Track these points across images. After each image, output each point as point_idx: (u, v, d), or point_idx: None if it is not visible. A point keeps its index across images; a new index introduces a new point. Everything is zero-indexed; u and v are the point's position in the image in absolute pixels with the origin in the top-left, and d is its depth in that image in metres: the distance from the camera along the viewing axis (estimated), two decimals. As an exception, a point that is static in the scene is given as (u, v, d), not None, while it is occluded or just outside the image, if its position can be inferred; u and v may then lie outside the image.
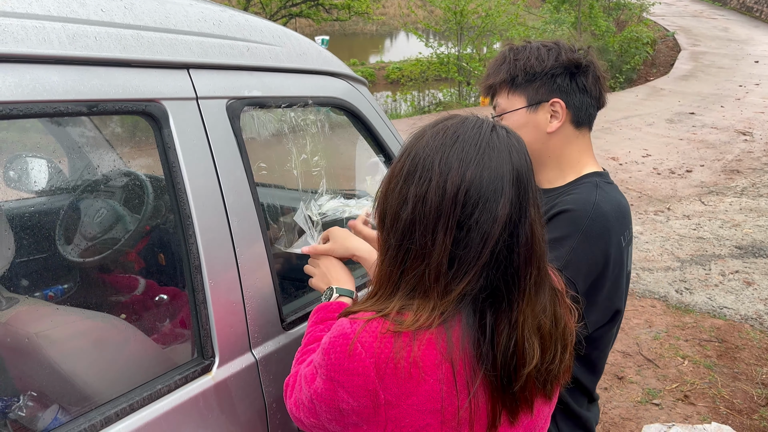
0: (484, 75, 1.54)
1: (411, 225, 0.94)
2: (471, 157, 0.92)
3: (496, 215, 0.91)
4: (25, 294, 1.59)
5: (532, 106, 1.45)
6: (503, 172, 0.92)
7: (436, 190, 0.92)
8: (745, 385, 3.59)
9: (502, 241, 0.91)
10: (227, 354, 1.34)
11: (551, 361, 0.99)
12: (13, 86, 1.01)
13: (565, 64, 1.44)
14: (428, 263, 0.93)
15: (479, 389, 0.94)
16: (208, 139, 1.33)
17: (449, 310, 0.93)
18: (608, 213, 1.37)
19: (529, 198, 0.94)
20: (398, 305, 0.95)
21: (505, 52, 1.49)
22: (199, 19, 1.38)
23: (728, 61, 17.56)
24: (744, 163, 8.76)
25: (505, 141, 0.96)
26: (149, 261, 1.85)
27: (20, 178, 1.91)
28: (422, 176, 0.94)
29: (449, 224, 0.91)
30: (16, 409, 1.31)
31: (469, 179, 0.91)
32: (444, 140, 0.95)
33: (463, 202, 0.91)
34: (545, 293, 0.99)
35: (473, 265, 0.92)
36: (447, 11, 15.26)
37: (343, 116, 1.85)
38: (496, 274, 0.93)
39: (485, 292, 0.93)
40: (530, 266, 0.95)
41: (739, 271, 5.16)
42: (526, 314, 0.95)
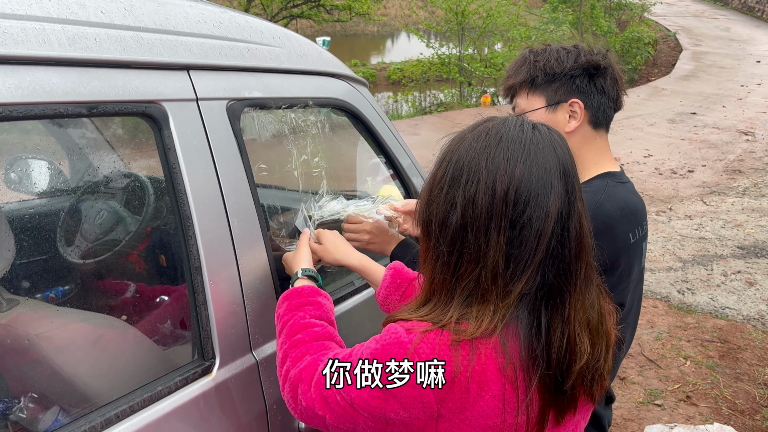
0: (504, 77, 1.57)
1: (462, 229, 0.93)
2: (518, 155, 0.93)
3: (548, 211, 0.91)
4: (26, 295, 1.59)
5: (551, 106, 1.48)
6: (550, 168, 0.93)
7: (485, 191, 0.92)
8: (747, 385, 3.58)
9: (555, 237, 0.92)
10: (228, 355, 1.34)
11: (598, 359, 0.98)
12: (13, 88, 1.01)
13: (584, 66, 1.47)
14: (484, 265, 0.92)
15: (533, 394, 0.93)
16: (208, 140, 1.33)
17: (510, 312, 0.92)
18: (611, 211, 1.40)
19: (576, 191, 0.95)
20: (456, 314, 0.93)
21: (525, 54, 1.53)
22: (199, 21, 1.38)
23: (730, 60, 17.54)
24: (746, 163, 8.74)
25: (547, 137, 0.96)
26: (150, 262, 1.85)
27: (21, 179, 1.91)
28: (469, 179, 0.93)
29: (502, 224, 0.91)
30: (16, 411, 1.31)
31: (519, 177, 0.91)
32: (488, 141, 0.95)
33: (514, 200, 0.91)
34: (593, 288, 0.99)
35: (530, 263, 0.91)
36: (448, 12, 15.27)
37: (344, 117, 1.85)
38: (551, 271, 0.93)
39: (542, 290, 0.93)
40: (580, 260, 0.95)
41: (741, 272, 5.15)
42: (577, 309, 0.95)
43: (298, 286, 1.32)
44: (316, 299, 1.28)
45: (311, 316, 1.23)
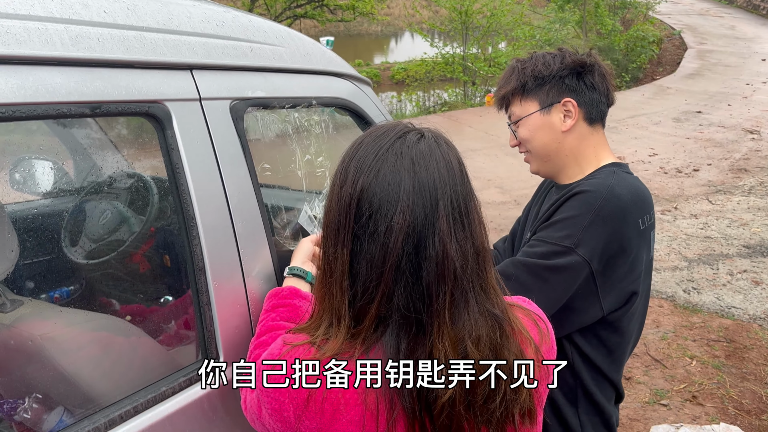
0: (496, 89, 1.63)
1: (323, 237, 0.92)
2: (366, 165, 0.88)
3: (391, 225, 0.85)
4: (30, 296, 1.59)
5: (545, 109, 1.52)
6: (401, 180, 0.86)
7: (335, 202, 0.90)
8: (753, 385, 3.56)
9: (406, 256, 0.85)
10: (232, 356, 1.33)
11: (489, 399, 0.88)
12: (16, 88, 1.01)
13: (570, 66, 1.52)
14: (333, 277, 0.89)
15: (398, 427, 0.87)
16: (211, 140, 1.33)
17: (369, 337, 0.88)
18: (623, 195, 1.42)
19: (438, 210, 0.87)
20: (322, 332, 0.91)
21: (513, 64, 1.58)
22: (203, 20, 1.38)
23: (735, 59, 17.47)
24: (752, 161, 8.70)
25: (412, 148, 0.90)
26: (153, 263, 1.85)
27: (25, 180, 1.91)
28: (331, 188, 0.92)
29: (345, 236, 0.88)
30: (21, 411, 1.31)
31: (360, 188, 0.87)
32: (350, 149, 0.93)
33: (355, 212, 0.87)
34: (473, 318, 0.89)
35: (378, 282, 0.86)
36: (452, 11, 15.25)
37: (347, 117, 1.84)
38: (406, 294, 0.86)
39: (399, 312, 0.87)
40: (443, 285, 0.86)
41: (747, 271, 5.13)
42: (443, 340, 0.86)
43: (280, 287, 1.32)
44: (292, 301, 1.26)
45: (281, 318, 1.23)
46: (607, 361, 1.52)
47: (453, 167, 0.91)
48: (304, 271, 1.36)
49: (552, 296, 1.39)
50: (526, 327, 0.96)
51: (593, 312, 1.45)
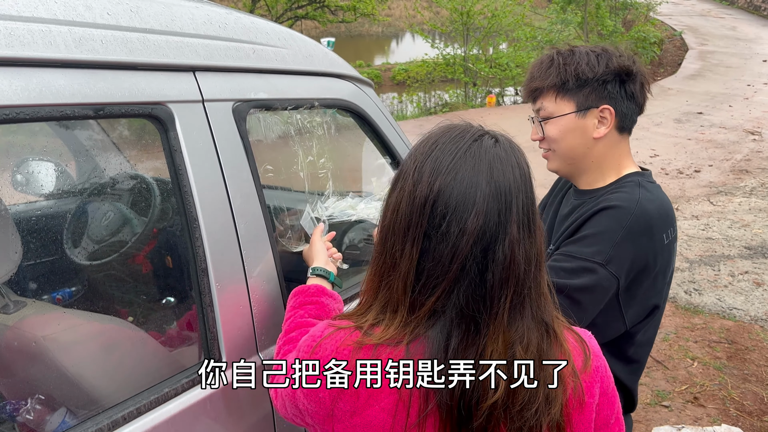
0: (528, 77, 1.52)
1: (387, 234, 0.92)
2: (443, 167, 0.89)
3: (464, 228, 0.86)
4: (33, 297, 1.59)
5: (581, 112, 1.45)
6: (478, 184, 0.87)
7: (407, 200, 0.90)
8: (755, 386, 3.56)
9: (473, 257, 0.87)
10: (234, 357, 1.34)
11: (526, 405, 0.88)
12: (20, 90, 1.01)
13: (615, 71, 1.44)
14: (397, 273, 0.90)
15: (428, 421, 0.88)
16: (214, 141, 1.33)
17: (419, 327, 0.89)
18: (651, 211, 1.39)
19: (511, 215, 0.88)
20: (372, 318, 0.92)
21: (553, 56, 1.48)
22: (205, 22, 1.38)
23: (736, 60, 17.46)
24: (753, 162, 8.70)
25: (489, 152, 0.90)
26: (156, 264, 1.85)
27: (28, 181, 1.92)
28: (400, 185, 0.92)
29: (417, 235, 0.88)
30: (24, 413, 1.31)
31: (437, 189, 0.88)
32: (423, 148, 0.93)
33: (430, 213, 0.88)
34: (526, 323, 0.90)
35: (441, 280, 0.87)
36: (453, 12, 15.25)
37: (350, 118, 1.84)
38: (467, 293, 0.87)
39: (455, 310, 0.88)
40: (506, 288, 0.88)
41: (748, 272, 5.12)
42: (496, 342, 0.87)
43: (306, 285, 1.34)
44: (319, 299, 1.29)
45: (310, 315, 1.25)
46: (626, 370, 1.50)
47: (525, 173, 0.93)
48: (326, 271, 1.40)
49: (583, 317, 1.35)
50: (570, 348, 0.95)
51: (616, 326, 1.43)
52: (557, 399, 0.90)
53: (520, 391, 0.88)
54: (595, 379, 0.96)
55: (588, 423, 0.94)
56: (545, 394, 0.89)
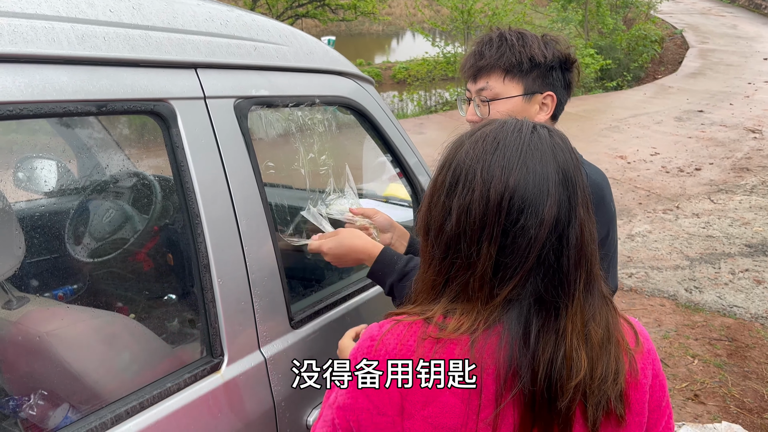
0: (475, 54, 1.48)
1: (456, 237, 0.91)
2: (513, 162, 0.89)
3: (542, 218, 0.87)
4: (36, 293, 1.60)
5: (528, 96, 1.44)
6: (548, 174, 0.89)
7: (479, 201, 0.89)
8: (755, 384, 3.57)
9: (550, 245, 0.88)
10: (236, 353, 1.34)
11: (603, 380, 0.90)
12: (23, 86, 1.01)
13: (560, 59, 1.45)
14: (473, 273, 0.90)
15: (508, 408, 0.88)
16: (216, 138, 1.34)
17: (494, 315, 0.89)
18: (599, 181, 1.41)
19: (578, 198, 0.91)
20: (443, 309, 0.92)
21: (505, 35, 1.45)
22: (207, 19, 1.38)
23: (737, 58, 17.44)
24: (754, 160, 8.69)
25: (548, 141, 0.92)
26: (158, 261, 1.86)
27: (30, 178, 1.92)
28: (465, 187, 0.91)
29: (494, 233, 0.88)
30: (26, 408, 1.32)
31: (513, 185, 0.88)
32: (484, 147, 0.92)
33: (507, 209, 0.88)
34: (595, 300, 0.93)
35: (518, 270, 0.88)
36: (454, 10, 15.23)
37: (350, 115, 1.85)
38: (544, 279, 0.89)
39: (532, 297, 0.89)
40: (580, 269, 0.91)
41: (749, 270, 5.12)
42: (574, 322, 0.90)
43: None
44: None
45: None
46: None
47: (577, 156, 0.96)
48: None
49: None
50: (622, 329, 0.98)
51: None
52: (622, 370, 0.92)
53: (598, 365, 0.90)
54: (647, 360, 0.98)
55: (642, 403, 0.96)
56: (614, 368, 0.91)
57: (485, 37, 1.48)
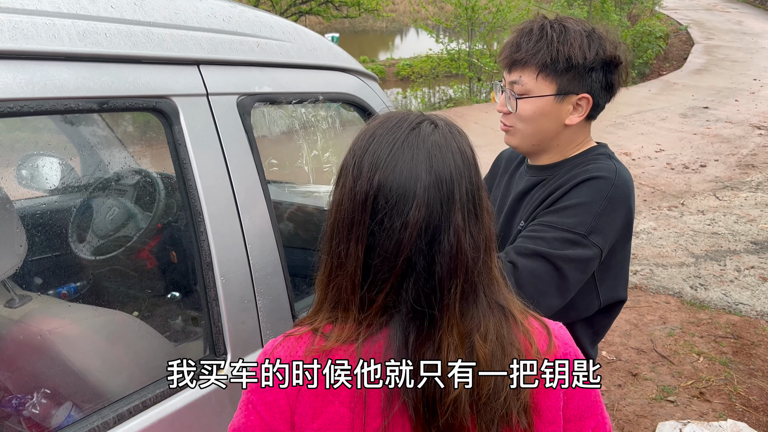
0: (512, 45, 1.43)
1: (331, 233, 0.89)
2: (382, 159, 0.85)
3: (406, 221, 0.83)
4: (38, 292, 1.59)
5: (560, 96, 1.38)
6: (418, 174, 0.84)
7: (349, 197, 0.86)
8: (761, 381, 3.55)
9: (419, 250, 0.84)
10: (239, 351, 1.34)
11: (494, 396, 0.85)
12: (24, 83, 1.01)
13: (604, 60, 1.37)
14: (344, 273, 0.87)
15: (397, 419, 0.85)
16: (218, 135, 1.33)
17: (373, 325, 0.86)
18: (628, 180, 1.39)
19: (454, 203, 0.85)
20: (324, 317, 0.90)
21: (545, 28, 1.39)
22: (209, 15, 1.37)
23: (742, 54, 17.35)
24: (759, 157, 8.65)
25: (427, 140, 0.87)
26: (161, 258, 1.86)
27: (32, 176, 1.92)
28: (341, 182, 0.89)
29: (360, 233, 0.85)
30: (29, 407, 1.31)
31: (377, 184, 0.84)
32: (362, 142, 0.89)
33: (372, 208, 0.84)
34: (481, 311, 0.88)
35: (389, 275, 0.85)
36: (458, 7, 15.20)
37: (354, 112, 1.84)
38: (415, 287, 0.85)
39: (407, 305, 0.85)
40: (455, 278, 0.85)
41: (754, 267, 5.10)
42: (452, 334, 0.85)
43: None
44: None
45: None
46: (590, 340, 1.50)
47: (468, 157, 0.89)
48: None
49: (564, 287, 1.31)
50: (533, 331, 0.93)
51: (590, 302, 1.42)
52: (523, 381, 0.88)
53: (485, 382, 0.85)
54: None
55: (556, 410, 0.92)
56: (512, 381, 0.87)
57: (527, 26, 1.42)
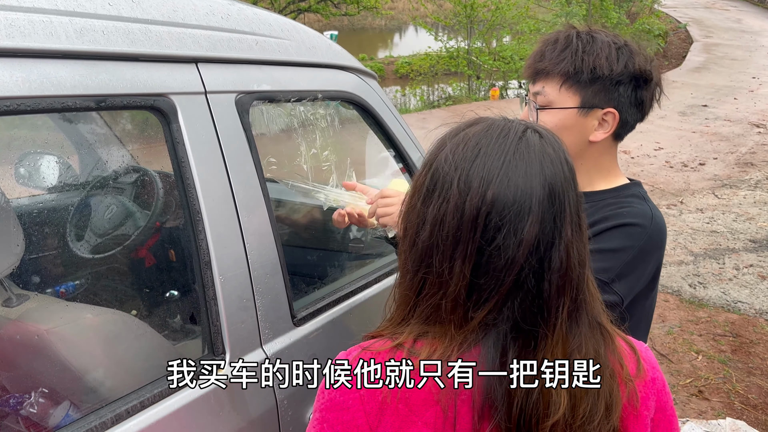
0: (536, 54, 1.36)
1: (428, 250, 0.83)
2: (494, 173, 0.80)
3: (521, 238, 0.79)
4: (36, 290, 1.59)
5: (584, 109, 1.31)
6: (532, 188, 0.80)
7: (454, 213, 0.81)
8: (760, 380, 3.55)
9: (529, 267, 0.80)
10: (238, 350, 1.33)
11: (587, 419, 0.82)
12: (21, 81, 1.00)
13: (633, 74, 1.30)
14: (445, 293, 0.82)
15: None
16: (217, 133, 1.32)
17: (470, 340, 0.82)
18: (662, 229, 1.30)
19: (565, 216, 0.81)
20: (414, 332, 0.85)
21: (572, 38, 1.32)
22: (208, 13, 1.37)
23: (741, 52, 17.35)
24: (758, 155, 8.65)
25: (536, 149, 0.82)
26: (159, 257, 1.85)
27: (30, 174, 1.91)
28: (441, 196, 0.82)
29: (468, 251, 0.80)
30: (27, 406, 1.31)
31: (491, 200, 0.79)
32: (465, 153, 0.83)
33: (483, 226, 0.79)
34: (583, 330, 0.84)
35: (494, 293, 0.80)
36: (457, 5, 15.20)
37: (353, 110, 1.83)
38: (522, 305, 0.81)
39: (509, 323, 0.81)
40: (563, 295, 0.81)
41: (753, 265, 5.10)
42: (554, 354, 0.81)
43: None
44: None
45: None
46: None
47: (572, 167, 0.86)
48: None
49: None
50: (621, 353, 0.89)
51: None
52: (617, 406, 0.84)
53: (581, 403, 0.82)
54: (650, 390, 0.90)
55: None
56: (606, 403, 0.83)
57: (553, 36, 1.36)
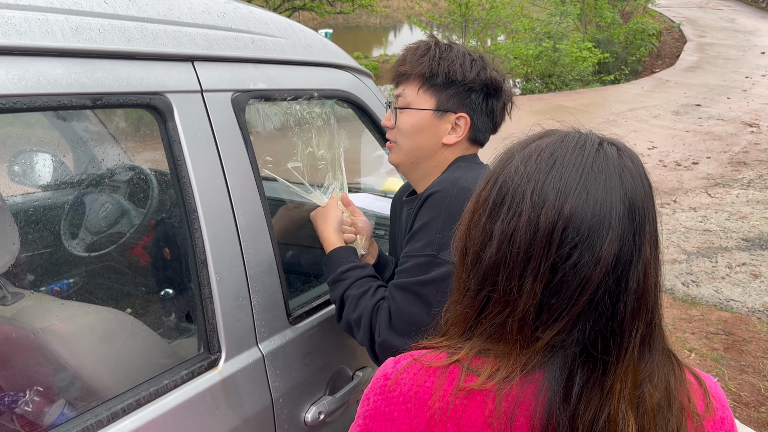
0: (399, 59, 1.45)
1: (495, 267, 0.78)
2: (571, 186, 0.76)
3: (599, 256, 0.74)
4: (31, 289, 1.58)
5: (439, 112, 1.40)
6: (612, 203, 0.75)
7: (526, 228, 0.76)
8: (752, 378, 3.57)
9: (605, 287, 0.75)
10: (234, 349, 1.33)
11: None
12: (17, 79, 1.00)
13: (484, 82, 1.40)
14: (512, 311, 0.77)
15: None
16: (213, 132, 1.32)
17: (534, 361, 0.77)
18: (467, 187, 1.30)
19: (645, 233, 0.77)
20: (476, 348, 0.80)
21: (431, 45, 1.42)
22: (204, 11, 1.37)
23: (735, 52, 17.44)
24: (751, 155, 8.70)
25: (615, 162, 0.78)
26: (154, 255, 1.85)
27: (25, 172, 1.91)
28: (511, 210, 0.78)
29: (541, 268, 0.75)
30: (22, 405, 1.31)
31: (568, 214, 0.74)
32: (538, 164, 0.78)
33: (559, 241, 0.75)
34: (655, 357, 0.79)
35: (565, 314, 0.76)
36: (452, 3, 15.22)
37: (349, 109, 1.83)
38: (594, 327, 0.76)
39: (578, 346, 0.76)
40: (638, 319, 0.76)
41: (746, 264, 5.13)
42: (625, 380, 0.76)
43: None
44: None
45: None
46: None
47: (650, 182, 0.81)
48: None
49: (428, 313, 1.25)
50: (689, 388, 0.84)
51: None
52: None
53: None
54: (719, 429, 0.84)
55: None
56: None
57: (415, 44, 1.45)
